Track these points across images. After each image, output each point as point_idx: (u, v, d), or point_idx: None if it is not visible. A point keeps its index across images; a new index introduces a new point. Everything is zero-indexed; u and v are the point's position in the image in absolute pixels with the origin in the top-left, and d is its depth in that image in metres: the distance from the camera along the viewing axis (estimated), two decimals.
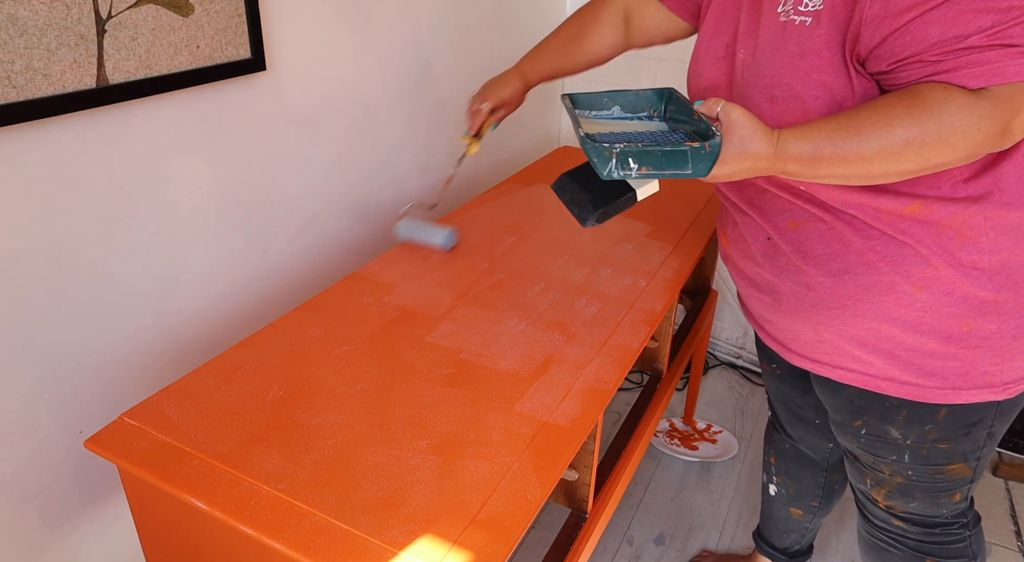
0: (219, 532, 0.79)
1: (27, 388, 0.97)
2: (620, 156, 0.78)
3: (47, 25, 0.85)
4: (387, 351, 1.01)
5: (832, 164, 0.77)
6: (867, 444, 1.04)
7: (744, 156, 0.79)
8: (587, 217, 0.88)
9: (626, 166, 0.78)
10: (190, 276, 1.17)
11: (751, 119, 0.79)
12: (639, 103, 0.96)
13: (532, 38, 2.03)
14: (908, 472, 1.03)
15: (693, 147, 0.77)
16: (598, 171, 0.79)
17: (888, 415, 0.98)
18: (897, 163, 0.75)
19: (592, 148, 0.78)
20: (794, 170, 0.79)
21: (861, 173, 0.77)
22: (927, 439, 0.98)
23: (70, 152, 0.94)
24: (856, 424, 1.04)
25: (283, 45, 1.21)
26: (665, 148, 0.77)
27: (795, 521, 1.42)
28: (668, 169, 0.78)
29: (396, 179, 1.60)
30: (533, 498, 0.77)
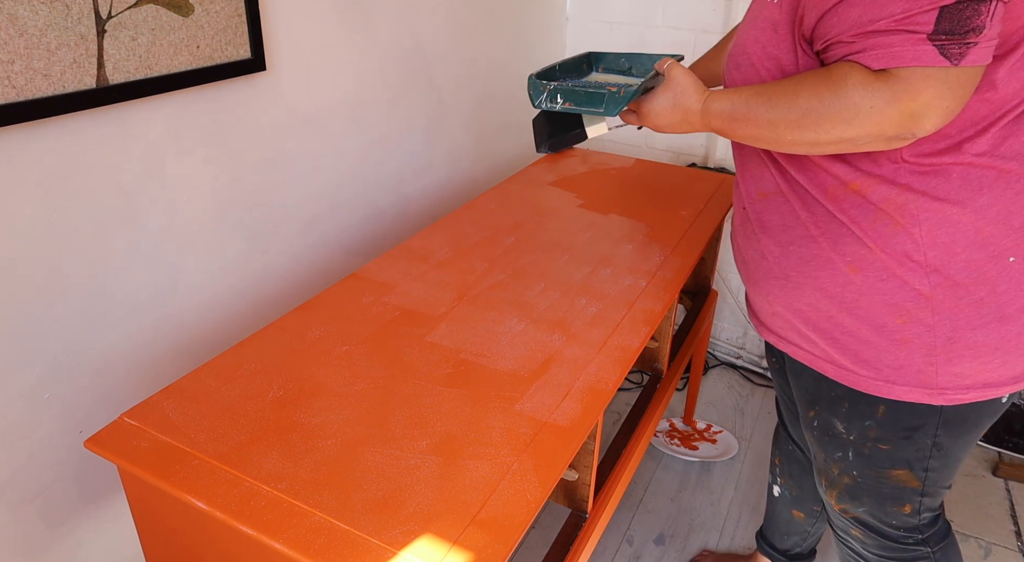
0: (219, 532, 0.79)
1: (27, 388, 0.97)
2: (551, 92, 1.00)
3: (47, 25, 0.85)
4: (387, 351, 1.01)
5: (746, 124, 0.87)
6: (819, 438, 1.06)
7: (676, 109, 0.95)
8: (541, 144, 1.10)
9: (553, 100, 1.00)
10: (190, 276, 1.17)
11: (688, 78, 0.95)
12: (650, 65, 1.13)
13: (532, 38, 2.03)
14: (853, 472, 1.03)
15: (611, 91, 0.96)
16: (532, 101, 1.01)
17: (833, 406, 1.00)
18: (801, 132, 0.80)
19: (532, 84, 1.02)
20: (717, 126, 0.91)
21: (772, 137, 0.84)
22: (868, 436, 0.98)
23: (70, 152, 0.94)
24: (810, 414, 1.05)
25: (283, 45, 1.21)
26: (589, 90, 0.98)
27: (797, 523, 1.41)
28: (586, 106, 0.99)
29: (396, 179, 1.60)
30: (533, 498, 0.77)
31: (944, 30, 0.69)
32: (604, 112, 0.97)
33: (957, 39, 0.69)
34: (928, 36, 0.70)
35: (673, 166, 1.83)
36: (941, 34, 0.69)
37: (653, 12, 2.05)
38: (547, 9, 2.06)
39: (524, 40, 1.99)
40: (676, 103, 0.94)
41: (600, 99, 0.96)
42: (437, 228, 1.40)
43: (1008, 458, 1.92)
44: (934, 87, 0.71)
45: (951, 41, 0.69)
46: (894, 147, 0.79)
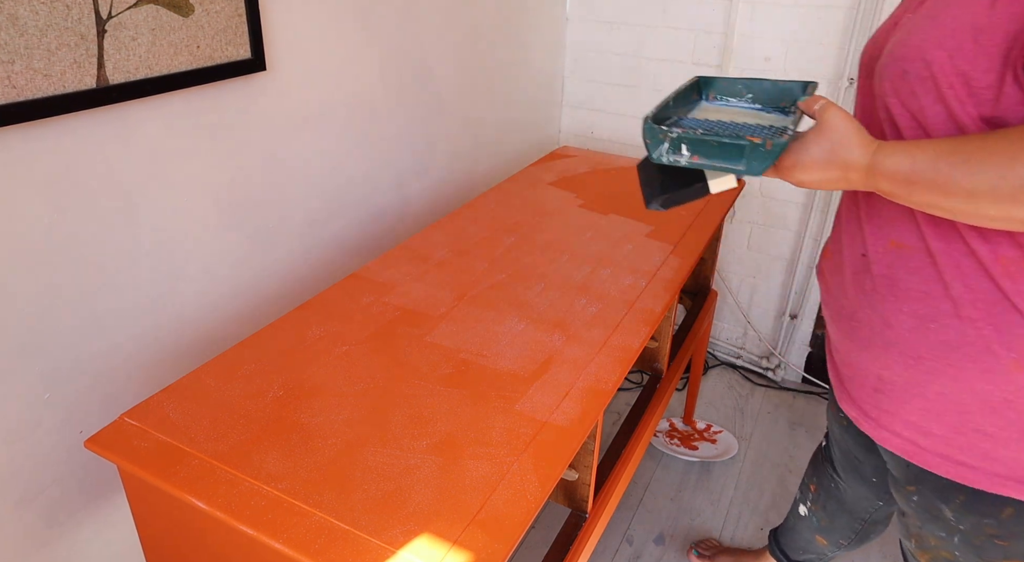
0: (219, 532, 0.79)
1: (27, 388, 0.97)
2: (673, 141, 0.75)
3: (47, 25, 0.85)
4: (387, 351, 1.01)
5: (931, 191, 0.65)
6: (917, 510, 0.92)
7: (833, 164, 0.70)
8: (652, 199, 0.85)
9: (678, 152, 0.75)
10: (190, 276, 1.17)
11: (849, 124, 0.70)
12: (776, 95, 0.90)
13: (532, 38, 2.03)
14: (955, 553, 0.91)
15: (752, 143, 0.71)
16: (649, 153, 0.77)
17: (944, 494, 0.85)
18: (1014, 208, 0.61)
19: (648, 129, 0.76)
20: (887, 189, 0.69)
21: (965, 210, 0.65)
22: (983, 532, 0.85)
23: (70, 152, 0.94)
24: (909, 489, 0.91)
25: (283, 45, 1.21)
26: (723, 139, 0.72)
27: (818, 547, 1.35)
28: (720, 161, 0.73)
29: (396, 179, 1.60)
30: (533, 498, 0.77)
31: None
32: (746, 170, 0.73)
33: None
34: None
35: None
36: None
37: (653, 12, 2.05)
38: (547, 9, 2.06)
39: (524, 40, 1.99)
40: (833, 156, 0.70)
41: (739, 153, 0.72)
42: (437, 228, 1.40)
43: None
44: None
45: None
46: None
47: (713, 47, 2.00)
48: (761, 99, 0.91)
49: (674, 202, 0.84)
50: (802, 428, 2.10)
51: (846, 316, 0.88)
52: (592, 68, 2.22)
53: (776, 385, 2.27)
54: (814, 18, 1.85)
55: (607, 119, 2.26)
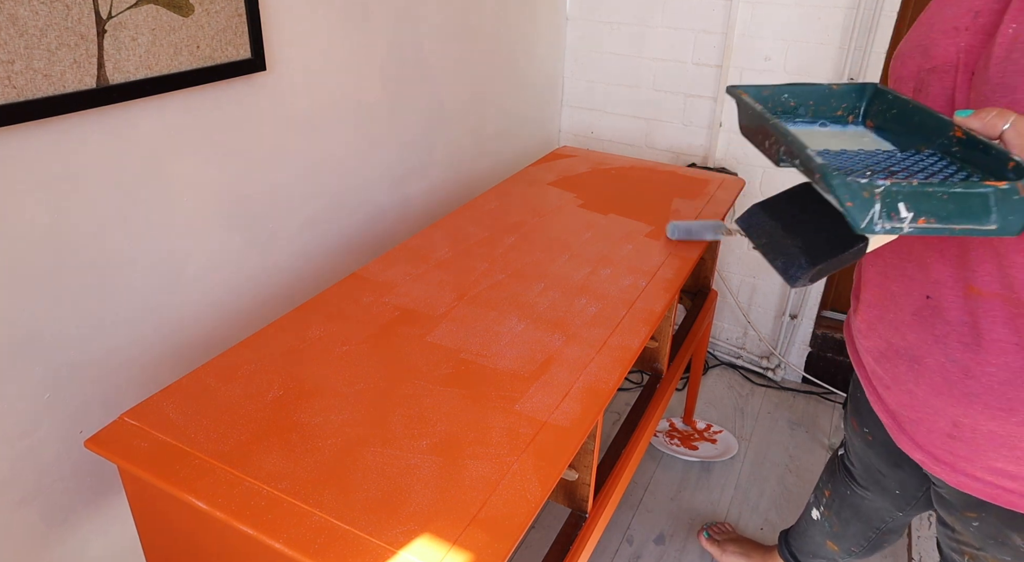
0: (219, 532, 0.79)
1: (27, 388, 0.97)
2: (885, 198, 0.51)
3: (47, 25, 0.85)
4: (387, 351, 1.01)
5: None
6: (977, 536, 0.88)
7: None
8: (797, 274, 0.62)
9: (895, 214, 0.52)
10: (190, 276, 1.17)
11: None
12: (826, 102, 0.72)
13: (532, 38, 2.03)
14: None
15: (997, 189, 0.51)
16: (853, 221, 0.53)
17: (1014, 523, 0.81)
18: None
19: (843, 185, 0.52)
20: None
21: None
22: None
23: (70, 152, 0.94)
24: (970, 515, 0.87)
25: (283, 45, 1.21)
26: (954, 189, 0.52)
27: (828, 551, 1.35)
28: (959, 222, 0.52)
29: (396, 179, 1.60)
30: (533, 498, 0.77)
31: None
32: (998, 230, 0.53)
33: None
34: None
35: (673, 166, 1.83)
36: None
37: (653, 12, 2.05)
38: (547, 9, 2.06)
39: (524, 40, 1.99)
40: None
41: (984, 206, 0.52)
42: (437, 228, 1.40)
43: None
44: None
45: None
46: None
47: (713, 47, 2.00)
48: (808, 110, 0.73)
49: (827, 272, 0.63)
50: (802, 428, 2.10)
51: (905, 357, 0.81)
52: (592, 68, 2.22)
53: (776, 385, 2.27)
54: (814, 18, 1.85)
55: (607, 119, 2.26)
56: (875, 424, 1.03)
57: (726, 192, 1.63)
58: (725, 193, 1.63)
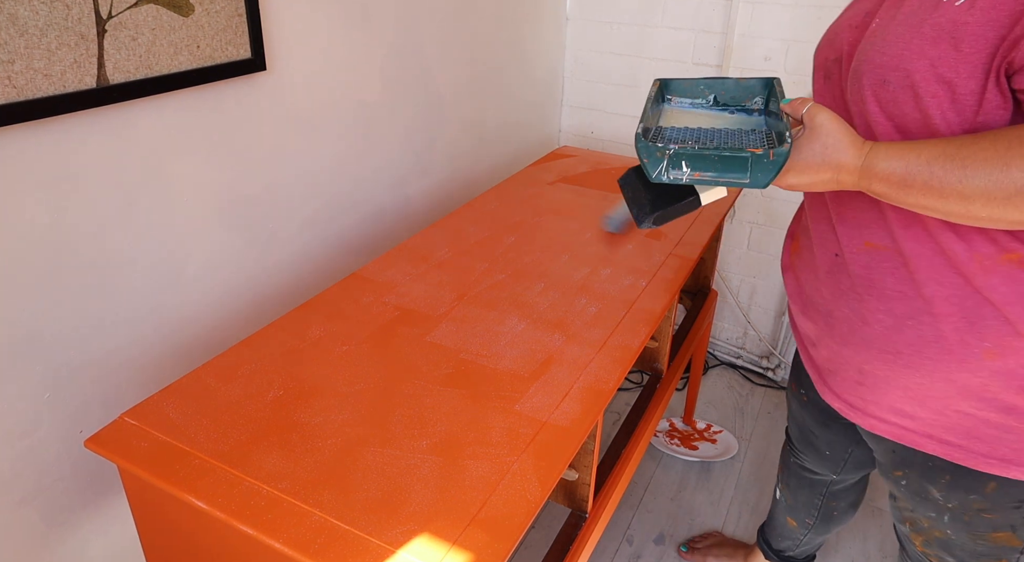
0: (219, 532, 0.79)
1: (27, 388, 0.97)
2: (672, 158, 0.71)
3: (47, 25, 0.85)
4: (387, 351, 1.01)
5: (925, 194, 0.67)
6: (907, 495, 0.97)
7: (825, 166, 0.72)
8: (643, 218, 0.81)
9: (677, 168, 0.72)
10: (190, 276, 1.17)
11: (839, 125, 0.71)
12: (739, 93, 0.88)
13: (532, 38, 2.03)
14: (947, 531, 0.95)
15: (755, 154, 0.69)
16: (647, 172, 0.73)
17: (930, 475, 0.90)
18: (1005, 210, 0.64)
19: (644, 147, 0.72)
20: (880, 191, 0.71)
21: (958, 212, 0.67)
22: (971, 507, 0.89)
23: (70, 152, 0.94)
24: (897, 474, 0.96)
25: (283, 45, 1.21)
26: (724, 153, 0.70)
27: (790, 530, 1.42)
28: (724, 175, 0.71)
29: (396, 179, 1.60)
30: (533, 498, 0.77)
31: None
32: (751, 183, 0.71)
33: None
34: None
35: None
36: None
37: (653, 12, 2.05)
38: (547, 9, 2.06)
39: (524, 40, 1.99)
40: (826, 159, 0.72)
41: (742, 166, 0.70)
42: (437, 228, 1.40)
43: None
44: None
45: None
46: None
47: (713, 47, 2.00)
48: (725, 99, 0.90)
49: (666, 219, 0.82)
50: None
51: (822, 313, 0.91)
52: (592, 68, 2.22)
53: (776, 385, 2.27)
54: (814, 18, 1.85)
55: (607, 119, 2.26)
56: (809, 384, 1.14)
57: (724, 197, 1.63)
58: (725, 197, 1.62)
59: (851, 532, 1.72)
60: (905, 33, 0.71)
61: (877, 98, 0.74)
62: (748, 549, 1.61)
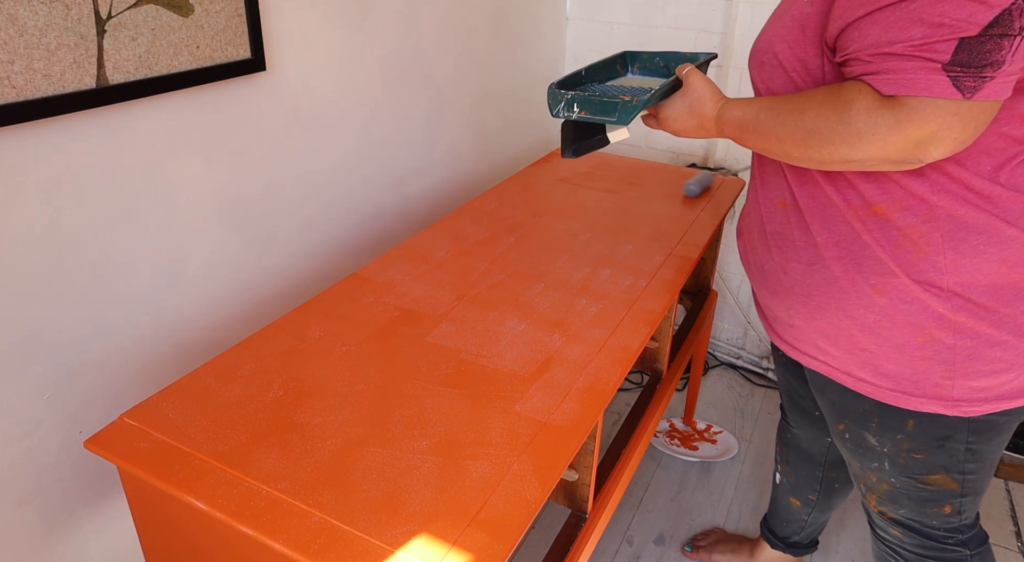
0: (219, 532, 0.79)
1: (27, 388, 0.97)
2: (567, 101, 0.98)
3: (47, 25, 0.85)
4: (387, 351, 1.01)
5: (756, 136, 0.87)
6: (852, 449, 1.06)
7: (692, 115, 0.96)
8: (565, 149, 1.05)
9: (570, 109, 0.98)
10: (190, 276, 1.17)
11: (704, 84, 0.96)
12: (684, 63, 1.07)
13: (532, 38, 2.03)
14: (891, 479, 1.03)
15: (623, 101, 0.95)
16: (550, 110, 1.00)
17: (863, 421, 0.99)
18: (806, 150, 0.80)
19: (551, 93, 0.99)
20: (731, 134, 0.91)
21: (780, 151, 0.84)
22: (901, 448, 0.98)
23: (70, 152, 0.94)
24: (840, 427, 1.05)
25: (283, 45, 1.21)
26: (603, 98, 0.96)
27: (794, 511, 1.44)
28: (600, 115, 0.97)
29: (396, 179, 1.60)
30: (533, 498, 0.77)
31: (961, 62, 0.67)
32: (617, 121, 0.96)
33: (973, 72, 0.68)
34: (943, 66, 0.68)
35: (673, 166, 1.83)
36: (957, 65, 0.68)
37: (653, 12, 2.05)
38: (547, 9, 2.06)
39: (524, 40, 1.99)
40: (692, 110, 0.95)
41: (613, 108, 0.96)
42: (437, 228, 1.40)
43: (1008, 458, 1.92)
44: (942, 118, 0.70)
45: (966, 74, 0.68)
46: (903, 169, 0.79)
47: (713, 47, 2.00)
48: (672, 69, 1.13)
49: (584, 150, 1.06)
50: None
51: (758, 268, 1.04)
52: None
53: (776, 385, 2.27)
54: None
55: None
56: None
57: (726, 192, 1.63)
58: (725, 193, 1.63)
59: (851, 532, 1.72)
60: (775, 23, 0.90)
61: (760, 77, 0.93)
62: (752, 542, 1.61)
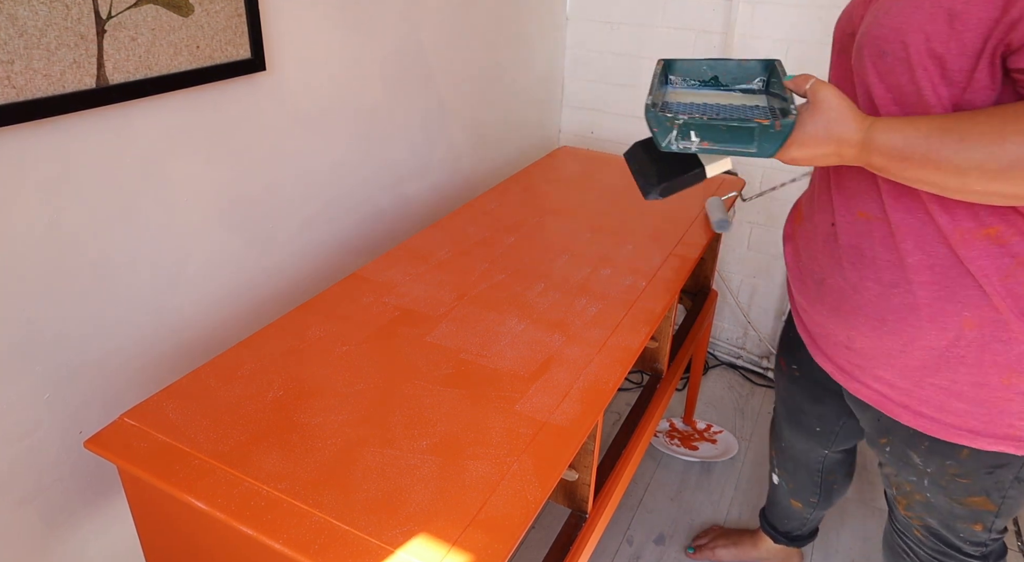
0: (219, 532, 0.79)
1: (27, 388, 0.97)
2: (682, 128, 0.74)
3: (47, 25, 0.85)
4: (387, 351, 1.01)
5: (922, 167, 0.69)
6: (891, 460, 1.02)
7: (828, 140, 0.74)
8: (650, 189, 0.85)
9: (686, 138, 0.74)
10: (190, 276, 1.17)
11: (842, 100, 0.73)
12: (740, 74, 0.91)
13: (532, 38, 2.03)
14: (927, 495, 1.00)
15: (761, 124, 0.72)
16: (657, 141, 0.76)
17: (912, 441, 0.94)
18: (1000, 184, 0.65)
19: (654, 117, 0.75)
20: (880, 164, 0.73)
21: (954, 186, 0.69)
22: (947, 473, 0.94)
23: (70, 152, 0.94)
24: (882, 441, 1.01)
25: (283, 45, 1.21)
26: (731, 123, 0.72)
27: (795, 511, 1.45)
28: (731, 145, 0.74)
29: (396, 179, 1.60)
30: (533, 498, 0.77)
31: None
32: (758, 152, 0.74)
33: None
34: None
35: None
36: None
37: (653, 12, 2.05)
38: (547, 9, 2.06)
39: (524, 40, 1.99)
40: (829, 133, 0.73)
41: (749, 136, 0.73)
42: (437, 228, 1.40)
43: None
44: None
45: None
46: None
47: (713, 47, 2.00)
48: (728, 79, 0.93)
49: (672, 190, 0.85)
50: None
51: (815, 280, 0.95)
52: (592, 68, 2.22)
53: None
54: (814, 18, 1.85)
55: (607, 119, 2.26)
56: (801, 358, 1.17)
57: (726, 192, 1.63)
58: (725, 193, 1.63)
59: (851, 532, 1.72)
60: (907, 7, 0.73)
61: (876, 69, 0.77)
62: (752, 534, 1.61)
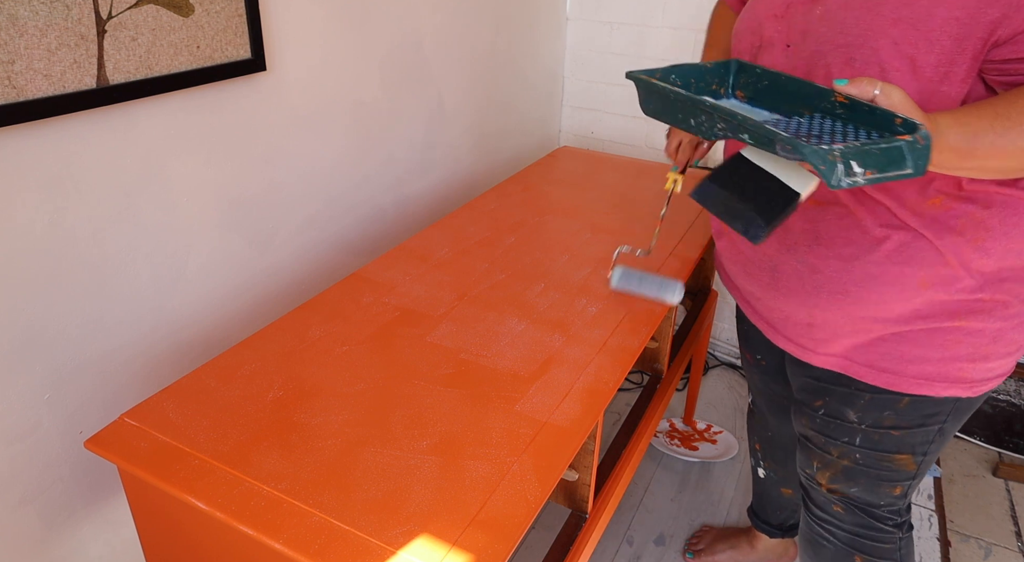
0: (219, 532, 0.79)
1: (27, 388, 0.97)
2: (844, 160, 0.64)
3: (47, 25, 0.85)
4: (387, 351, 1.01)
5: (989, 156, 0.70)
6: (822, 425, 1.06)
7: None
8: (759, 232, 0.75)
9: (851, 171, 0.65)
10: (190, 276, 1.17)
11: (911, 103, 0.70)
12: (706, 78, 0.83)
13: (532, 38, 2.03)
14: (856, 455, 1.04)
15: (907, 141, 0.65)
16: (826, 180, 0.65)
17: (850, 399, 0.99)
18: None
19: (813, 152, 0.64)
20: (943, 161, 0.71)
21: (1014, 167, 0.71)
22: (883, 425, 0.99)
23: (70, 152, 0.94)
24: (817, 404, 1.05)
25: (283, 45, 1.21)
26: (881, 145, 0.65)
27: (787, 499, 1.45)
28: (890, 170, 0.66)
29: (396, 179, 1.60)
30: (533, 498, 0.77)
31: None
32: (913, 172, 0.66)
33: None
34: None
35: None
36: None
37: (653, 12, 2.05)
38: (547, 9, 2.06)
39: (524, 40, 1.99)
40: None
41: (900, 156, 0.65)
42: (437, 228, 1.40)
43: (1008, 458, 1.92)
44: None
45: None
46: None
47: None
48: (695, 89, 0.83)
49: (776, 226, 0.76)
50: None
51: (766, 269, 0.98)
52: (592, 68, 2.22)
53: None
54: None
55: (607, 119, 2.26)
56: (763, 346, 1.22)
57: None
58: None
59: None
60: (865, 14, 0.77)
61: (845, 74, 0.79)
62: (747, 533, 1.62)
